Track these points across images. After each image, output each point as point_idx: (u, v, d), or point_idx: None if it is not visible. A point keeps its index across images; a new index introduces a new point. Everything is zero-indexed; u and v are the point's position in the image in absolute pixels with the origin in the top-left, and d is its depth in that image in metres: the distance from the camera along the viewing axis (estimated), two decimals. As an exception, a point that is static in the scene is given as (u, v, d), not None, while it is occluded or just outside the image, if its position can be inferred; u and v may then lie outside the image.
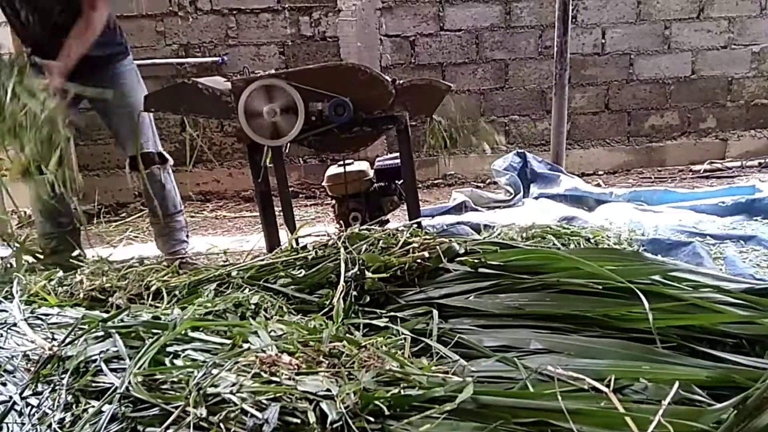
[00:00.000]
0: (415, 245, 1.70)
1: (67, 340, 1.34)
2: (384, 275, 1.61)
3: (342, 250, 1.71)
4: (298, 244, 1.96)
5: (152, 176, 2.81)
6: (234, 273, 1.79)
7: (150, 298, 1.74)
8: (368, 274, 1.61)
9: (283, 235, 2.50)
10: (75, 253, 2.76)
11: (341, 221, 2.81)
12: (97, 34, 2.60)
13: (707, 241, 2.82)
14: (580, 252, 1.93)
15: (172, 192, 2.93)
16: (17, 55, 2.54)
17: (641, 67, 4.89)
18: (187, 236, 3.05)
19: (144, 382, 1.09)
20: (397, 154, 2.59)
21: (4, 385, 1.26)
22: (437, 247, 1.66)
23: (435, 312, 1.46)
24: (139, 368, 1.13)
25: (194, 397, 1.01)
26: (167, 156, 2.90)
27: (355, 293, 1.59)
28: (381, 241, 1.76)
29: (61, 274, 1.99)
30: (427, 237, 1.77)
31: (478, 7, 4.69)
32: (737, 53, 4.95)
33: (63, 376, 1.21)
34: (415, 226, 1.94)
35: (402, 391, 1.03)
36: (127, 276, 1.90)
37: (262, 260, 1.87)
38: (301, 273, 1.73)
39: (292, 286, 1.70)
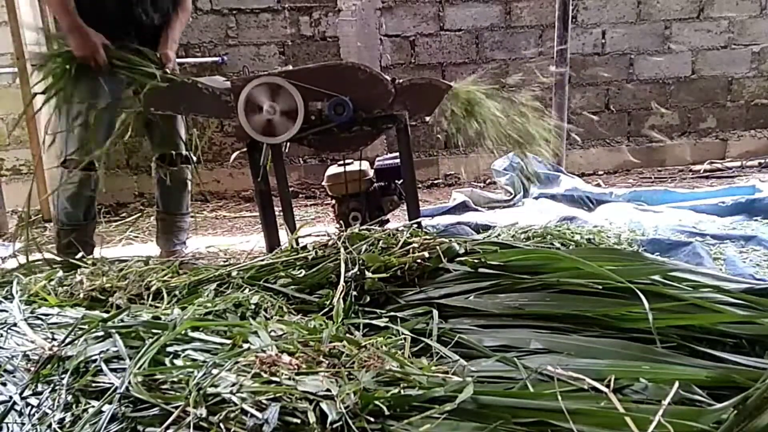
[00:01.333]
0: (415, 245, 1.70)
1: (67, 340, 1.34)
2: (384, 275, 1.61)
3: (342, 250, 1.71)
4: (298, 244, 1.96)
5: (182, 174, 2.90)
6: (234, 273, 1.79)
7: (150, 298, 1.74)
8: (368, 274, 1.61)
9: (283, 235, 2.50)
10: (93, 250, 2.78)
11: (341, 221, 2.80)
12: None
13: (707, 241, 2.82)
14: (580, 252, 1.93)
15: (189, 192, 3.04)
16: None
17: (641, 67, 4.89)
18: (186, 240, 3.07)
19: (144, 382, 1.09)
20: (397, 153, 2.59)
21: (4, 385, 1.26)
22: (437, 247, 1.67)
23: (435, 312, 1.46)
24: (139, 368, 1.13)
25: (194, 397, 1.01)
26: (192, 157, 2.98)
27: (355, 293, 1.60)
28: (381, 241, 1.76)
29: (61, 274, 1.99)
30: (427, 237, 1.77)
31: (478, 7, 4.69)
32: (737, 53, 4.94)
33: (63, 376, 1.21)
34: (415, 226, 1.95)
35: (402, 391, 1.03)
36: (127, 276, 1.90)
37: (262, 260, 1.87)
38: (301, 273, 1.73)
39: (292, 286, 1.70)
